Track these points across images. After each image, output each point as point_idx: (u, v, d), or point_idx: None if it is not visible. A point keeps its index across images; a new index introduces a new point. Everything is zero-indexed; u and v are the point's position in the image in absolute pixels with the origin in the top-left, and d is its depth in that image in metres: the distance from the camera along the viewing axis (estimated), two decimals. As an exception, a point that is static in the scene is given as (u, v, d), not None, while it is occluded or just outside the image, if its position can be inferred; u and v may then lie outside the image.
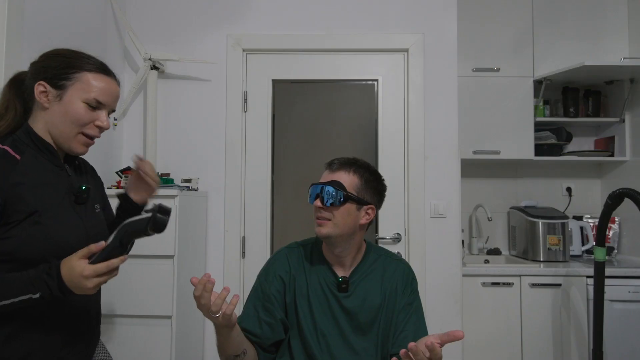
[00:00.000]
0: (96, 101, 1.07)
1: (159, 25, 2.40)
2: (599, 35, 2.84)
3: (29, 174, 1.02)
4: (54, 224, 1.02)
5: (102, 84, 1.08)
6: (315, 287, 1.33)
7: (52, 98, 1.06)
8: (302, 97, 2.46)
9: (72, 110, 1.05)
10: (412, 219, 2.32)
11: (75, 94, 1.06)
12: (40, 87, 1.05)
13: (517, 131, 2.78)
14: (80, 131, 1.08)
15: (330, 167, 1.31)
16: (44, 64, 1.08)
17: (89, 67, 1.08)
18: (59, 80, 1.05)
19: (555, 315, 2.42)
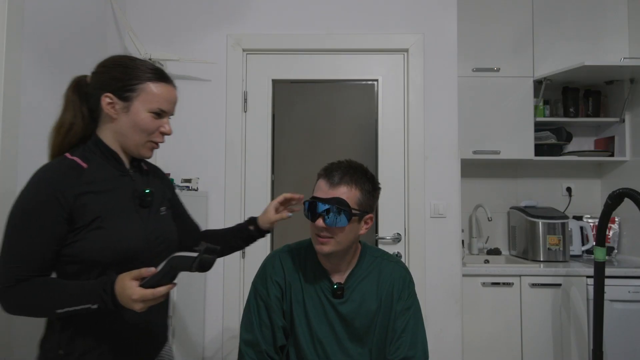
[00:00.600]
0: (160, 110, 1.13)
1: (159, 25, 2.40)
2: (599, 35, 2.84)
3: (94, 182, 1.09)
4: (115, 228, 1.08)
5: (164, 93, 1.14)
6: (311, 293, 1.31)
7: (119, 109, 1.11)
8: (302, 97, 2.46)
9: (139, 121, 1.11)
10: (412, 219, 2.32)
11: (140, 105, 1.11)
12: (107, 99, 1.11)
13: (517, 131, 2.79)
14: (148, 139, 1.14)
15: (330, 181, 1.24)
16: (108, 76, 1.12)
17: (150, 77, 1.12)
18: (124, 92, 1.10)
19: (555, 315, 2.42)
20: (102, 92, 1.11)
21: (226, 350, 2.29)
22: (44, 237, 1.03)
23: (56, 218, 1.03)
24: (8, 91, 1.39)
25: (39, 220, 1.02)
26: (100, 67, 1.16)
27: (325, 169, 1.28)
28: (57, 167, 1.08)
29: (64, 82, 1.75)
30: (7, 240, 1.03)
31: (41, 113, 1.60)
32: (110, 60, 1.16)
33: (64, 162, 1.10)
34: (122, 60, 1.15)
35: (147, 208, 1.17)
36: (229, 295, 2.31)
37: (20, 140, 1.46)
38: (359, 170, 1.28)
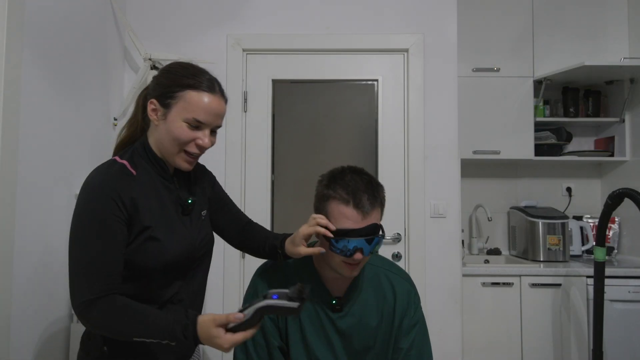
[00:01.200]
0: (195, 120, 1.07)
1: (159, 25, 2.40)
2: (599, 35, 2.84)
3: (143, 190, 1.08)
4: (164, 238, 1.07)
5: (204, 103, 1.07)
6: (307, 308, 1.21)
7: (159, 116, 1.09)
8: (302, 97, 2.46)
9: (173, 130, 1.07)
10: (412, 219, 2.32)
11: (177, 113, 1.07)
12: (151, 105, 1.10)
13: (517, 131, 2.79)
14: (181, 149, 1.10)
15: (362, 209, 1.10)
16: (157, 81, 1.12)
17: (193, 85, 1.08)
18: (166, 99, 1.08)
19: (555, 315, 2.42)
20: (149, 97, 1.11)
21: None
22: (117, 243, 1.02)
23: (121, 222, 1.02)
24: (8, 91, 1.39)
25: (107, 226, 1.01)
26: (158, 71, 1.18)
27: (347, 192, 1.12)
28: (108, 171, 1.06)
29: (64, 82, 1.76)
30: (81, 252, 1.00)
31: (41, 113, 1.60)
32: (166, 66, 1.16)
33: (114, 165, 1.08)
34: (176, 67, 1.13)
35: (188, 215, 1.16)
36: (229, 295, 2.31)
37: (20, 140, 1.46)
38: (375, 182, 1.17)
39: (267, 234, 1.30)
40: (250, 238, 1.31)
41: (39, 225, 1.57)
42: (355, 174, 1.17)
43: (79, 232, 1.02)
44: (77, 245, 1.01)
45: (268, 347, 1.20)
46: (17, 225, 1.42)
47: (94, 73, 2.03)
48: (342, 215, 1.10)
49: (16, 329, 1.43)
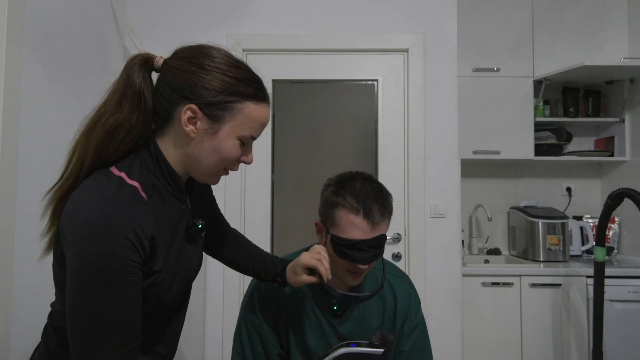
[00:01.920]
0: (251, 137, 0.87)
1: (159, 25, 2.40)
2: (599, 35, 2.84)
3: (157, 223, 0.82)
4: (168, 281, 0.86)
5: (262, 116, 0.87)
6: (308, 313, 1.19)
7: (201, 129, 0.83)
8: (302, 97, 2.46)
9: (224, 148, 0.85)
10: (412, 219, 2.32)
11: (232, 130, 0.84)
12: (189, 112, 0.82)
13: (517, 131, 2.79)
14: (223, 167, 0.89)
15: (372, 220, 1.07)
16: (198, 80, 0.82)
17: (252, 95, 0.85)
18: (217, 109, 0.82)
19: (555, 315, 2.42)
20: (183, 100, 0.82)
21: (226, 350, 2.29)
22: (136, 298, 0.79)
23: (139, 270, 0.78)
24: (8, 91, 1.39)
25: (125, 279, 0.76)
26: (183, 60, 0.85)
27: (357, 201, 1.08)
28: (117, 198, 0.77)
29: (64, 82, 1.76)
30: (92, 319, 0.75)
31: (41, 113, 1.60)
32: (199, 56, 0.85)
33: (123, 189, 0.79)
34: (216, 60, 0.84)
35: (192, 244, 0.96)
36: (229, 295, 2.31)
37: (20, 140, 1.46)
38: (385, 191, 1.14)
39: (263, 255, 1.18)
40: (244, 256, 1.19)
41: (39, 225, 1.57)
42: (365, 181, 1.13)
43: (86, 290, 0.75)
44: (86, 310, 0.75)
45: (267, 355, 1.18)
46: (17, 225, 1.42)
47: (94, 73, 2.03)
48: (352, 224, 1.07)
49: (16, 329, 1.42)
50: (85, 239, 0.74)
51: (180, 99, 0.82)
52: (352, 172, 1.17)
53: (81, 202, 0.77)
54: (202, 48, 0.87)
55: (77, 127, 0.87)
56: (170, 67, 0.85)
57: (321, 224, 1.16)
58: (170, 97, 0.83)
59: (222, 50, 0.87)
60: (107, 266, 0.74)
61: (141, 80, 0.84)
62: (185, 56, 0.86)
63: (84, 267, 0.74)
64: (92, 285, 0.74)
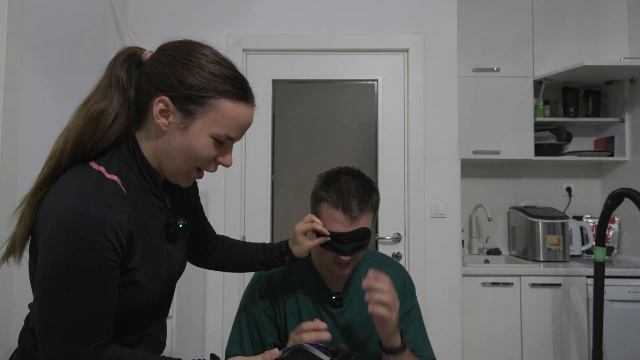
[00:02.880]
0: (227, 137, 0.84)
1: (159, 25, 2.39)
2: (599, 35, 2.84)
3: (136, 218, 0.80)
4: (145, 281, 0.84)
5: (240, 116, 0.84)
6: (308, 305, 1.23)
7: (173, 123, 0.81)
8: (302, 97, 2.46)
9: (195, 145, 0.82)
10: (412, 219, 2.32)
11: (204, 126, 0.81)
12: (161, 104, 0.80)
13: (517, 131, 2.79)
14: (196, 166, 0.86)
15: (350, 214, 1.12)
16: (172, 72, 0.80)
17: (228, 91, 0.82)
18: (189, 103, 0.80)
19: (555, 315, 2.42)
20: (157, 91, 0.81)
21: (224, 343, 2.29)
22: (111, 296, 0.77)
23: (116, 266, 0.77)
24: (8, 91, 1.39)
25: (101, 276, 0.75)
26: (163, 53, 0.84)
27: (338, 196, 1.13)
28: (97, 191, 0.75)
29: (64, 82, 1.76)
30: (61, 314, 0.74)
31: (41, 113, 1.60)
32: (180, 49, 0.83)
33: (103, 183, 0.77)
34: (196, 54, 0.82)
35: (173, 243, 0.94)
36: (229, 295, 2.31)
37: (20, 140, 1.46)
38: (367, 187, 1.17)
39: (260, 246, 1.20)
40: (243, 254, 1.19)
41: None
42: (349, 176, 1.17)
43: (59, 285, 0.73)
44: (55, 305, 0.73)
45: (263, 344, 1.22)
46: (17, 225, 1.42)
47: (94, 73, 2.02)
48: (332, 218, 1.12)
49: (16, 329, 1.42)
50: (63, 233, 0.72)
51: (155, 91, 0.81)
52: (341, 168, 1.21)
53: (60, 196, 0.75)
54: (185, 43, 0.85)
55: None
56: (152, 59, 0.84)
57: None
58: (148, 89, 0.82)
59: (208, 48, 0.85)
60: (83, 263, 0.73)
61: (124, 72, 0.83)
62: (166, 49, 0.84)
63: (59, 262, 0.72)
64: (65, 281, 0.73)
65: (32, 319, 0.85)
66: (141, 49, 0.87)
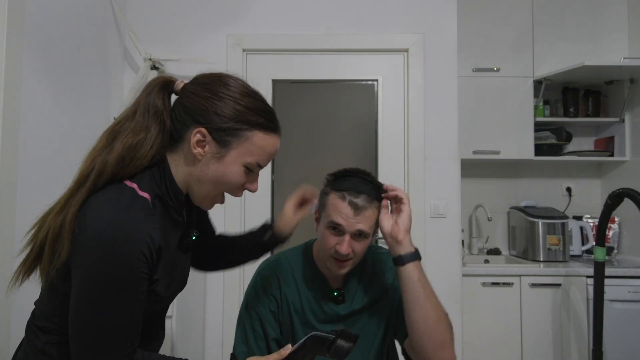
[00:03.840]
0: (257, 165, 0.90)
1: (159, 25, 2.39)
2: (599, 35, 2.84)
3: (162, 233, 0.85)
4: (163, 290, 0.89)
5: (270, 146, 0.90)
6: (310, 301, 1.25)
7: (209, 152, 0.86)
8: (302, 97, 2.46)
9: (228, 174, 0.88)
10: (412, 219, 2.31)
11: (238, 156, 0.87)
12: (198, 135, 0.85)
13: (517, 131, 2.79)
14: (223, 192, 0.93)
15: (355, 206, 1.15)
16: (210, 106, 0.85)
17: (261, 124, 0.88)
18: (225, 135, 0.85)
19: (555, 315, 2.42)
20: (195, 123, 0.85)
21: (226, 349, 2.29)
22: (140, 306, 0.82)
23: (143, 279, 0.81)
24: (8, 91, 1.39)
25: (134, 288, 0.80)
26: (199, 85, 0.89)
27: (346, 189, 1.16)
28: (132, 209, 0.80)
29: (65, 82, 1.76)
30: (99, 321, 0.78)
31: (41, 113, 1.60)
32: (216, 82, 0.88)
33: (137, 201, 0.82)
34: (231, 88, 0.88)
35: (186, 254, 0.98)
36: (229, 295, 2.30)
37: (20, 140, 1.46)
38: (375, 185, 1.21)
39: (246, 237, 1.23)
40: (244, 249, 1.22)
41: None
42: (360, 174, 1.21)
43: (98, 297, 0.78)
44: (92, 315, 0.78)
45: (266, 338, 1.24)
46: (17, 225, 1.42)
47: (94, 73, 2.03)
48: (336, 208, 1.15)
49: (16, 330, 1.43)
50: (99, 247, 0.76)
51: (192, 122, 0.86)
52: (352, 168, 1.24)
53: (97, 212, 0.79)
54: (220, 76, 0.91)
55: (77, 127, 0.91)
56: (188, 91, 0.89)
57: (317, 213, 1.26)
58: (184, 119, 0.87)
59: (240, 80, 0.91)
60: (120, 276, 0.77)
61: (161, 102, 0.88)
62: (202, 82, 0.89)
63: (95, 275, 0.77)
64: (101, 292, 0.77)
65: (39, 317, 0.91)
66: (173, 78, 0.92)
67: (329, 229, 1.16)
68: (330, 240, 1.16)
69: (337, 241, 1.16)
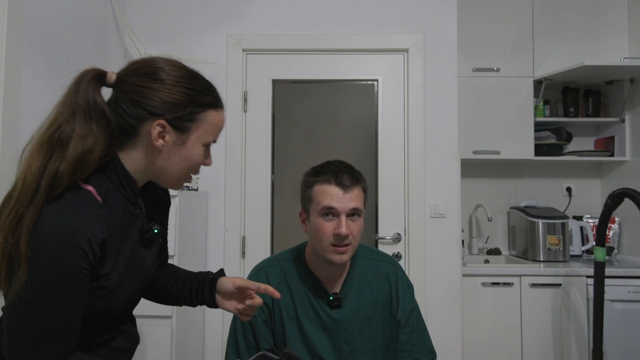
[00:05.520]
0: (213, 142, 0.93)
1: (159, 25, 2.40)
2: (599, 35, 2.84)
3: (111, 225, 0.84)
4: (116, 287, 0.86)
5: (221, 121, 0.93)
6: (305, 306, 1.23)
7: (170, 141, 0.87)
8: (302, 97, 2.46)
9: (192, 156, 0.90)
10: (412, 219, 2.32)
11: (198, 138, 0.89)
12: (158, 128, 0.85)
13: (517, 131, 2.79)
14: (189, 173, 0.94)
15: (343, 185, 1.17)
16: (164, 97, 0.85)
17: (211, 103, 0.90)
18: (184, 121, 0.87)
19: (555, 315, 2.42)
20: (152, 115, 0.84)
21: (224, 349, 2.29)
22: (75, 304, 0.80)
23: (87, 274, 0.80)
24: (8, 91, 1.39)
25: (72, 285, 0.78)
26: (144, 76, 0.86)
27: (329, 173, 1.18)
28: (74, 202, 0.79)
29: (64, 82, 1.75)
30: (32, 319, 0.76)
31: (41, 113, 1.60)
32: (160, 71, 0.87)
33: (84, 199, 0.81)
34: (179, 73, 0.88)
35: (147, 248, 0.96)
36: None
37: (20, 140, 1.46)
38: (355, 169, 1.24)
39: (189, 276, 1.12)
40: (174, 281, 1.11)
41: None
42: (336, 162, 1.24)
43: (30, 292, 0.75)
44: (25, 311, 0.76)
45: (258, 349, 1.22)
46: (17, 225, 1.42)
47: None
48: (325, 193, 1.17)
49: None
50: (39, 244, 0.75)
51: (148, 115, 0.85)
52: (326, 161, 1.26)
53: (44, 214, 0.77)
54: (155, 61, 0.88)
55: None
56: (130, 84, 0.86)
57: (303, 212, 1.25)
58: (137, 114, 0.85)
59: (176, 62, 0.90)
60: (55, 271, 0.76)
61: (100, 100, 0.86)
62: (142, 72, 0.87)
63: (33, 271, 0.74)
64: (37, 289, 0.75)
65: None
66: (102, 70, 0.89)
67: (322, 216, 1.17)
68: (326, 228, 1.16)
69: (334, 225, 1.16)
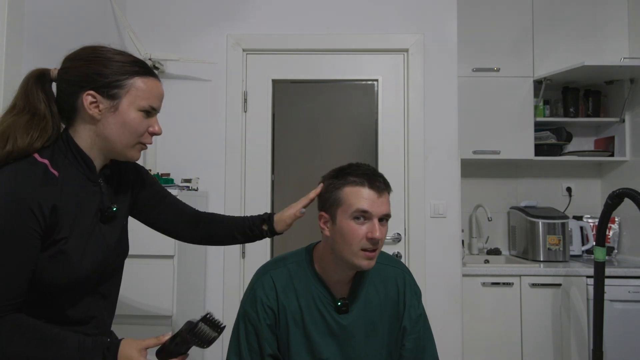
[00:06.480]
0: (151, 107, 1.01)
1: (159, 25, 2.40)
2: (599, 35, 2.84)
3: (66, 195, 0.94)
4: (75, 252, 0.96)
5: (153, 88, 1.02)
6: (312, 311, 1.20)
7: (104, 109, 0.97)
8: (302, 97, 2.46)
9: (130, 121, 0.98)
10: (412, 219, 2.32)
11: (130, 103, 0.98)
12: (89, 97, 0.96)
13: (517, 131, 2.79)
14: (138, 141, 1.02)
15: (378, 189, 1.15)
16: (88, 70, 0.98)
17: (137, 71, 1.00)
18: (111, 89, 0.97)
19: (555, 315, 2.42)
20: (81, 89, 0.96)
21: (226, 350, 2.28)
22: (27, 259, 0.90)
23: (36, 235, 0.89)
24: (8, 91, 1.39)
25: (20, 240, 0.88)
26: (72, 60, 1.01)
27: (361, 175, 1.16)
28: (28, 173, 0.91)
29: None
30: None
31: (41, 113, 1.60)
32: (86, 52, 1.01)
33: (35, 166, 0.92)
34: (101, 52, 1.01)
35: (107, 224, 1.05)
36: (229, 295, 2.30)
37: (20, 140, 1.46)
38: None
39: (239, 220, 1.30)
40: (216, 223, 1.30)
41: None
42: (363, 164, 1.21)
43: None
44: None
45: (262, 354, 1.20)
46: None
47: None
48: (359, 195, 1.13)
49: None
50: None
51: (79, 90, 0.97)
52: (350, 163, 1.23)
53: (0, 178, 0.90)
54: (86, 47, 1.04)
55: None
56: (63, 69, 1.00)
57: (326, 214, 1.19)
58: (70, 92, 0.98)
59: (106, 46, 1.04)
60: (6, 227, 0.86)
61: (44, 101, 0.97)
62: (73, 57, 1.01)
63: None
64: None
65: None
66: (45, 69, 1.01)
67: (354, 220, 1.12)
68: (358, 231, 1.12)
69: (367, 229, 1.12)
